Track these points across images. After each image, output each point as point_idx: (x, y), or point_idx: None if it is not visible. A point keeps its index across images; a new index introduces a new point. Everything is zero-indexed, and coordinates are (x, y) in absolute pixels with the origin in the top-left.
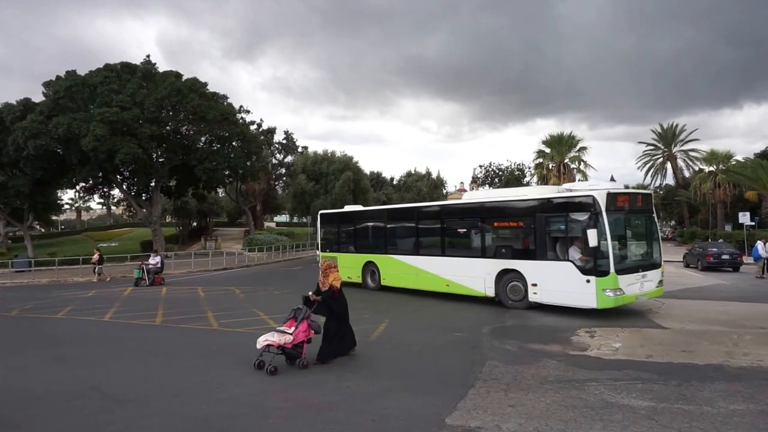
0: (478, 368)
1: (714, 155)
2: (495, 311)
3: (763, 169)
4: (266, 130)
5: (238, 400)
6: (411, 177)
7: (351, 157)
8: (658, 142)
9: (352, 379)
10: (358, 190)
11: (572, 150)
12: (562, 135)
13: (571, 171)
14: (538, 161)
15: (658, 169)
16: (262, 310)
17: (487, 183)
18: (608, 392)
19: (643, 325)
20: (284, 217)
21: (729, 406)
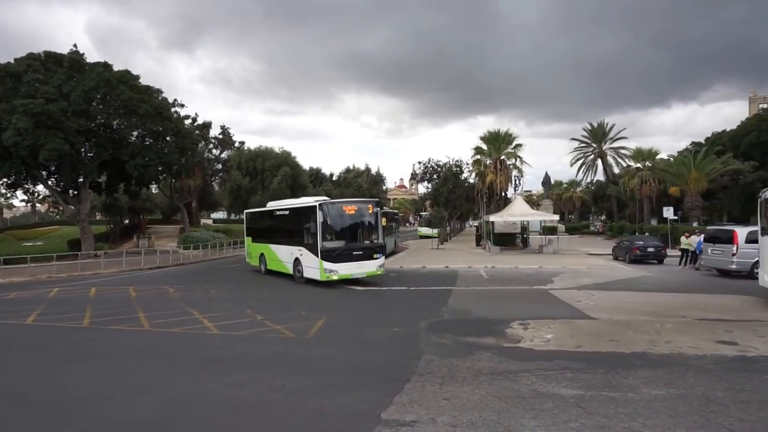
0: (415, 363)
1: (640, 153)
2: (433, 306)
3: (685, 166)
4: (202, 125)
5: (171, 402)
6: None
7: (289, 152)
8: (589, 140)
9: (288, 377)
10: (296, 186)
11: (508, 147)
12: (499, 132)
13: (508, 167)
14: (476, 158)
15: (589, 165)
16: (197, 310)
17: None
18: (539, 382)
19: (574, 317)
20: (221, 213)
21: (651, 392)
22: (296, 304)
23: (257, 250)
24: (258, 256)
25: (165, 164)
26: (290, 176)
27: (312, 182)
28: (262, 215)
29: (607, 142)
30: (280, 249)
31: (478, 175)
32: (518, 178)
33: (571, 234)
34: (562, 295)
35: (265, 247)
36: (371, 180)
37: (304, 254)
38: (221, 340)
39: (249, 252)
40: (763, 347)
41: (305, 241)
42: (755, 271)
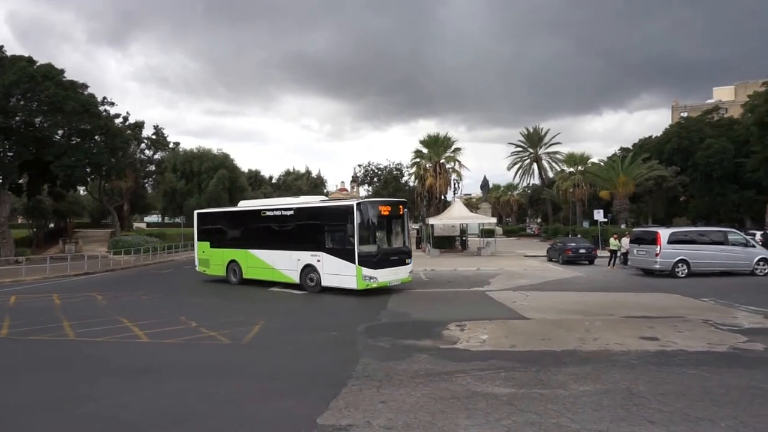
0: (352, 366)
1: (573, 157)
2: (372, 309)
3: (614, 170)
4: (133, 124)
5: (96, 416)
6: (290, 176)
7: (228, 154)
8: (525, 145)
9: (222, 385)
10: (234, 189)
11: (448, 150)
12: (439, 136)
13: (447, 171)
14: (416, 161)
15: (526, 169)
16: (127, 317)
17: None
18: (474, 382)
19: (509, 317)
20: (155, 217)
21: (579, 388)
22: (233, 310)
23: (222, 256)
24: (225, 264)
25: (93, 165)
26: (228, 179)
27: (251, 185)
28: (234, 216)
29: (542, 147)
30: (276, 255)
31: (418, 178)
32: (457, 181)
33: (509, 236)
34: (498, 297)
35: (240, 254)
36: (312, 183)
37: (325, 260)
38: (152, 348)
39: (204, 259)
40: (681, 342)
41: (328, 245)
42: (676, 270)
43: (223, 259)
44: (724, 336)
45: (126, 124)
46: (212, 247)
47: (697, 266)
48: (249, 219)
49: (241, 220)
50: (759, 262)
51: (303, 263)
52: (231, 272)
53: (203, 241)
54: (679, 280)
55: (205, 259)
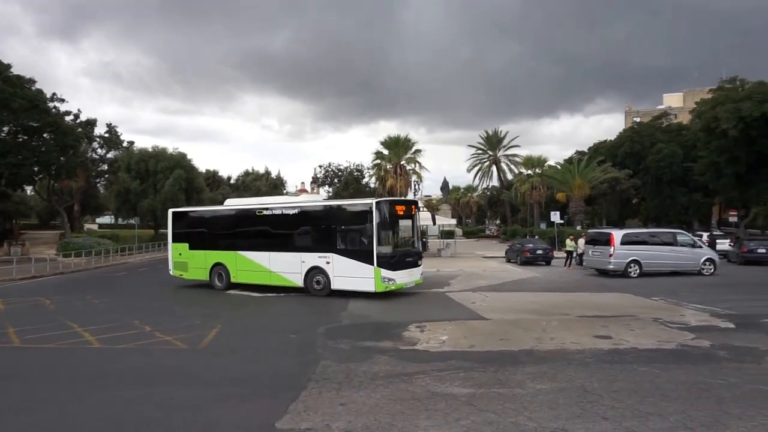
0: (312, 369)
1: (531, 160)
2: (332, 311)
3: (570, 173)
4: (85, 122)
5: (36, 426)
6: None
7: (184, 154)
8: (485, 147)
9: (178, 391)
10: (191, 189)
11: (408, 152)
12: (399, 137)
13: (408, 172)
14: (377, 162)
15: (485, 171)
16: (77, 322)
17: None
18: (434, 383)
19: (468, 318)
20: (108, 218)
21: (536, 387)
22: (189, 313)
23: (204, 259)
24: (208, 268)
25: (42, 164)
26: (185, 179)
27: (209, 185)
28: (221, 216)
29: (501, 149)
30: (274, 257)
31: (378, 179)
32: (418, 182)
33: (468, 238)
34: (457, 297)
35: (228, 256)
36: (271, 183)
37: (336, 261)
38: (105, 354)
39: (181, 262)
40: (633, 340)
41: (340, 246)
42: (628, 270)
43: (206, 262)
44: (673, 334)
45: (77, 121)
46: (192, 249)
47: (649, 266)
48: (240, 219)
49: (230, 220)
50: (705, 262)
51: (308, 265)
52: (216, 276)
53: (180, 243)
54: (632, 279)
55: (182, 262)
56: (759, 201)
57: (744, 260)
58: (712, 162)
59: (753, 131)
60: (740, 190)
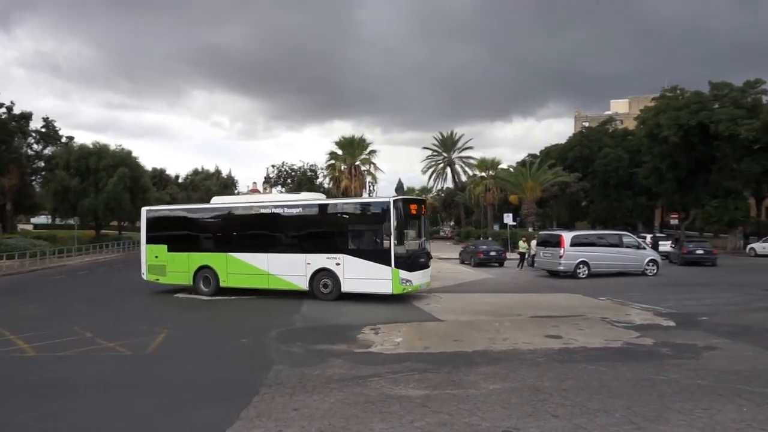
0: (264, 374)
1: (485, 162)
2: (285, 314)
3: (522, 176)
4: (19, 115)
5: None
6: (199, 175)
7: (129, 151)
8: (439, 149)
9: (123, 400)
10: (136, 188)
11: (363, 153)
12: (354, 138)
13: (362, 173)
14: (331, 162)
15: (439, 173)
16: (8, 329)
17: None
18: (388, 385)
19: (423, 320)
20: (44, 218)
21: (489, 387)
22: (134, 318)
23: (188, 262)
24: (192, 271)
25: None
26: (129, 177)
27: (155, 184)
28: (208, 215)
29: (455, 151)
30: (273, 258)
31: (333, 180)
32: (372, 184)
33: None
34: (412, 299)
35: (216, 258)
36: (222, 183)
37: (348, 263)
38: (40, 362)
39: (157, 266)
40: (582, 339)
41: (352, 246)
42: (577, 271)
43: (190, 265)
44: (619, 332)
45: (10, 114)
46: (172, 251)
47: (596, 267)
48: (232, 218)
49: (220, 219)
50: (648, 263)
51: (315, 267)
52: (201, 280)
53: (157, 244)
54: (581, 280)
55: (158, 265)
56: (697, 204)
57: (684, 261)
58: (655, 167)
59: (693, 138)
60: (681, 194)
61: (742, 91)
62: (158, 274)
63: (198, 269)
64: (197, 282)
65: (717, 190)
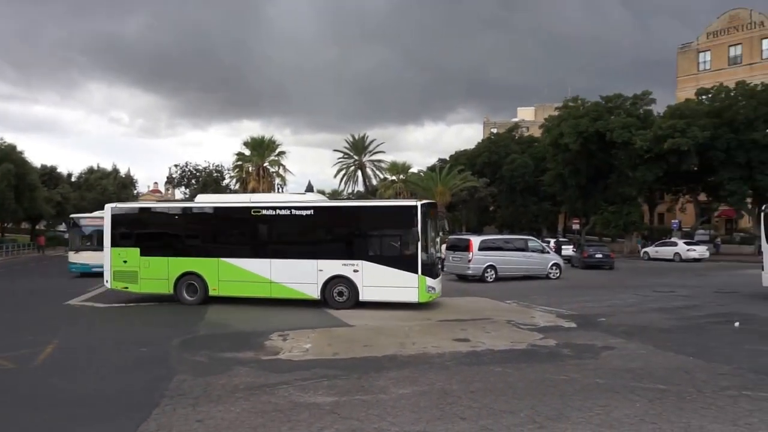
0: (165, 385)
1: (395, 166)
2: (188, 321)
3: (432, 180)
4: None
5: None
6: (94, 174)
7: (14, 146)
8: (351, 151)
9: (8, 417)
10: (23, 186)
11: (272, 154)
12: (263, 138)
13: (271, 175)
14: (238, 163)
15: (351, 176)
16: None
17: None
18: (297, 393)
19: (332, 325)
20: None
21: (399, 391)
22: (18, 328)
23: (167, 268)
24: (174, 278)
25: None
26: (14, 174)
27: (44, 183)
28: (195, 215)
29: (367, 154)
30: (277, 264)
31: (240, 181)
32: (281, 186)
33: None
34: (322, 304)
35: (205, 264)
36: (120, 183)
37: (367, 270)
38: None
39: (127, 272)
40: (489, 342)
41: (373, 252)
42: (485, 275)
43: (170, 271)
44: (524, 334)
45: None
46: (146, 254)
47: (503, 271)
48: (226, 219)
49: (210, 220)
50: (552, 266)
51: (328, 274)
52: (184, 288)
53: (125, 248)
54: (489, 284)
55: (128, 271)
56: (597, 210)
57: (585, 264)
58: (558, 174)
59: (591, 146)
60: (582, 201)
61: (633, 103)
62: (128, 282)
63: (181, 276)
64: (179, 290)
65: (614, 197)
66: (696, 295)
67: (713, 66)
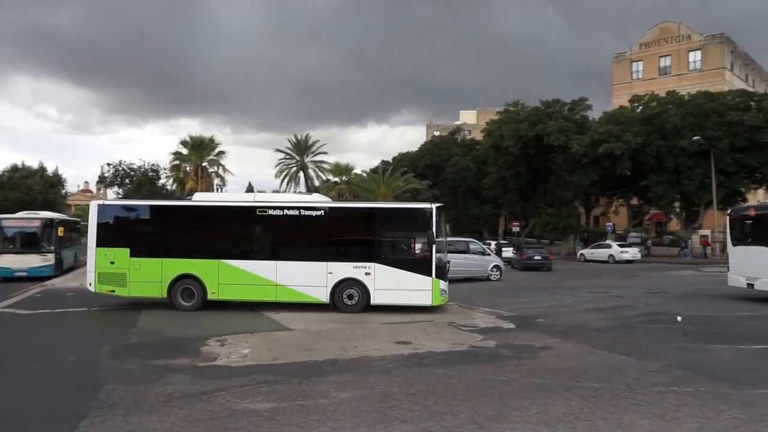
0: (94, 395)
1: (338, 167)
2: (119, 327)
3: (375, 182)
4: None
5: None
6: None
7: None
8: (293, 152)
9: None
10: None
11: (212, 153)
12: (203, 138)
13: (210, 174)
14: (176, 163)
15: (292, 177)
16: None
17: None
18: (234, 400)
19: (272, 329)
20: None
21: (340, 395)
22: None
23: (161, 270)
24: (168, 281)
25: None
26: None
27: None
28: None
29: (309, 155)
30: (284, 267)
31: (177, 181)
32: (221, 186)
33: None
34: (262, 308)
35: (204, 266)
36: (47, 182)
37: (379, 272)
38: None
39: (113, 274)
40: (430, 344)
41: (386, 255)
42: None
43: (164, 273)
44: (465, 336)
45: None
46: (136, 255)
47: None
48: (227, 218)
49: (210, 220)
50: (492, 268)
51: (338, 277)
52: (180, 292)
53: (112, 248)
54: None
55: (115, 273)
56: (536, 213)
57: (524, 266)
58: (499, 177)
59: (531, 150)
60: (522, 204)
61: (570, 108)
62: (115, 285)
63: (176, 279)
64: (174, 294)
65: (553, 200)
66: (628, 296)
67: (645, 75)
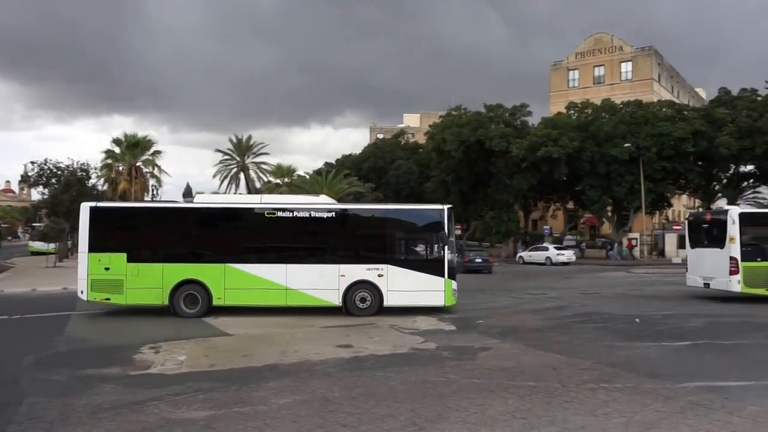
0: (14, 409)
1: (280, 169)
2: (43, 336)
3: (318, 184)
4: None
5: None
6: None
7: None
8: (233, 153)
9: None
10: None
11: (146, 153)
12: (137, 136)
13: (145, 175)
14: (107, 162)
15: (233, 178)
16: None
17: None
18: (169, 409)
19: (210, 335)
20: None
21: (279, 401)
22: None
23: (161, 275)
24: (169, 288)
25: None
26: None
27: None
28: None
29: (250, 156)
30: (294, 270)
31: (109, 182)
32: (156, 187)
33: None
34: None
35: (208, 270)
36: None
37: (393, 274)
38: None
39: (108, 281)
40: (372, 347)
41: (399, 257)
42: None
43: (165, 279)
44: (406, 339)
45: None
46: (133, 260)
47: None
48: (236, 221)
49: (216, 222)
50: None
51: (351, 280)
52: (182, 299)
53: (106, 252)
54: None
55: (110, 280)
56: (477, 216)
57: (465, 269)
58: (442, 180)
59: (473, 154)
60: (464, 207)
61: (512, 114)
62: (110, 292)
63: (178, 285)
64: (176, 301)
65: (493, 204)
66: (564, 297)
67: (581, 83)
